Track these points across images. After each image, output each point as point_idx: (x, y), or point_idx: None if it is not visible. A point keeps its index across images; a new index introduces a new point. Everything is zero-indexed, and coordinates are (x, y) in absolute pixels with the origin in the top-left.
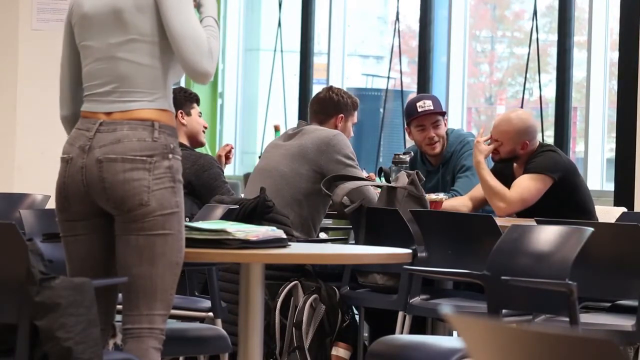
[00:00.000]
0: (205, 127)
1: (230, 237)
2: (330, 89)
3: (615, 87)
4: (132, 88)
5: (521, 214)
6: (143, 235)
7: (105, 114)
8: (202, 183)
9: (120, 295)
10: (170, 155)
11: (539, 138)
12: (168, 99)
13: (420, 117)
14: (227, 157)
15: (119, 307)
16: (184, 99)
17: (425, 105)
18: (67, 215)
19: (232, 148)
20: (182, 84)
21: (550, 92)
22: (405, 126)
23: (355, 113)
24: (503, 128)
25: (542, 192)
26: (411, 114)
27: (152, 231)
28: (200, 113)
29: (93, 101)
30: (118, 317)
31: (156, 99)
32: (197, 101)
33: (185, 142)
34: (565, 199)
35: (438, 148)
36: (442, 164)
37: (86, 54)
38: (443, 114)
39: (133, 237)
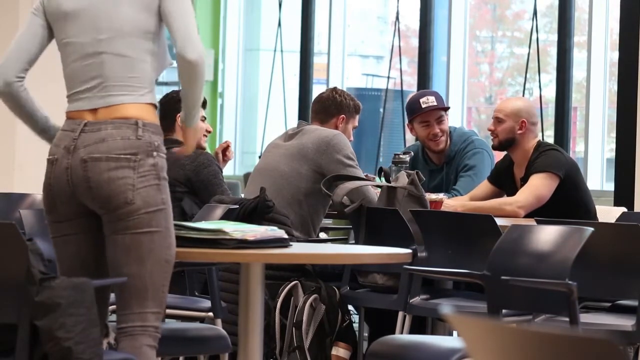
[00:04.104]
0: (209, 131)
1: (227, 236)
2: (334, 89)
3: (615, 87)
4: (119, 82)
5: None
6: (129, 234)
7: (90, 113)
8: (201, 180)
9: (113, 294)
10: (155, 153)
11: (539, 136)
12: (154, 93)
13: (424, 114)
14: (225, 154)
15: (113, 307)
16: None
17: (429, 101)
18: (55, 216)
19: (229, 145)
20: None
21: (550, 92)
22: (407, 123)
23: (357, 117)
24: (504, 105)
25: (553, 189)
26: (415, 111)
27: (137, 229)
28: (205, 117)
29: (78, 100)
30: (113, 317)
31: (146, 93)
32: (203, 104)
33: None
34: (568, 197)
35: (442, 143)
36: (445, 163)
37: (70, 51)
38: (446, 109)
39: (120, 236)
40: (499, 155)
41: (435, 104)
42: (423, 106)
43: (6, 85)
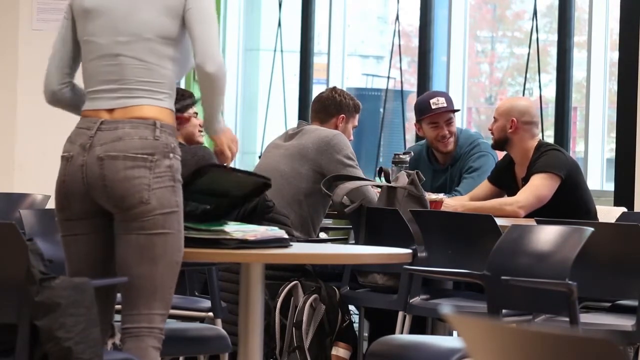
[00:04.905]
0: (202, 126)
1: (228, 236)
2: (333, 89)
3: (615, 87)
4: (137, 86)
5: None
6: (143, 235)
7: (107, 112)
8: None
9: (119, 294)
10: (171, 155)
11: (539, 136)
12: (173, 99)
13: (434, 115)
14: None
15: (118, 307)
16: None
17: (439, 102)
18: (67, 214)
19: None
20: (182, 85)
21: (550, 92)
22: (415, 122)
23: (357, 116)
24: (500, 104)
25: (554, 189)
26: (424, 111)
27: (152, 230)
28: (197, 113)
29: (96, 99)
30: (117, 317)
31: (165, 98)
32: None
33: (182, 141)
34: (568, 197)
35: (451, 145)
36: (450, 165)
37: (89, 50)
38: (456, 111)
39: (133, 236)
40: (501, 156)
41: (445, 105)
42: (433, 107)
43: (53, 95)
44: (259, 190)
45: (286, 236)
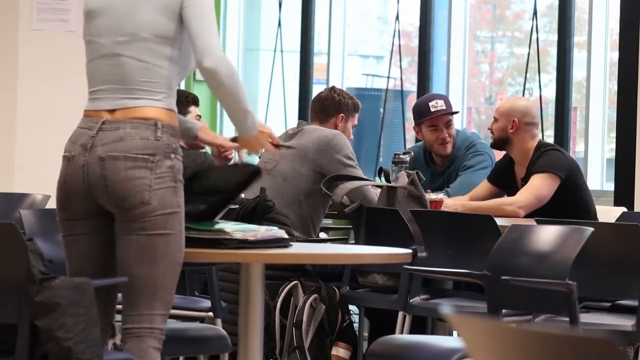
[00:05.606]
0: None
1: (228, 237)
2: (332, 89)
3: (615, 87)
4: (138, 86)
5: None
6: (144, 235)
7: (108, 112)
8: None
9: (120, 295)
10: (172, 155)
11: (539, 136)
12: (173, 99)
13: (434, 118)
14: (224, 157)
15: (119, 307)
16: (178, 103)
17: (438, 105)
18: (68, 214)
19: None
20: (182, 86)
21: (550, 92)
22: (414, 125)
23: (356, 115)
24: (500, 104)
25: (554, 189)
26: (424, 114)
27: (153, 231)
28: (200, 116)
29: (97, 99)
30: (118, 317)
31: (163, 98)
32: (195, 102)
33: (183, 144)
34: (568, 198)
35: (449, 148)
36: (448, 167)
37: (91, 50)
38: (455, 113)
39: (134, 237)
40: (499, 156)
41: (444, 108)
42: (432, 110)
43: None
44: (249, 180)
45: (286, 236)
